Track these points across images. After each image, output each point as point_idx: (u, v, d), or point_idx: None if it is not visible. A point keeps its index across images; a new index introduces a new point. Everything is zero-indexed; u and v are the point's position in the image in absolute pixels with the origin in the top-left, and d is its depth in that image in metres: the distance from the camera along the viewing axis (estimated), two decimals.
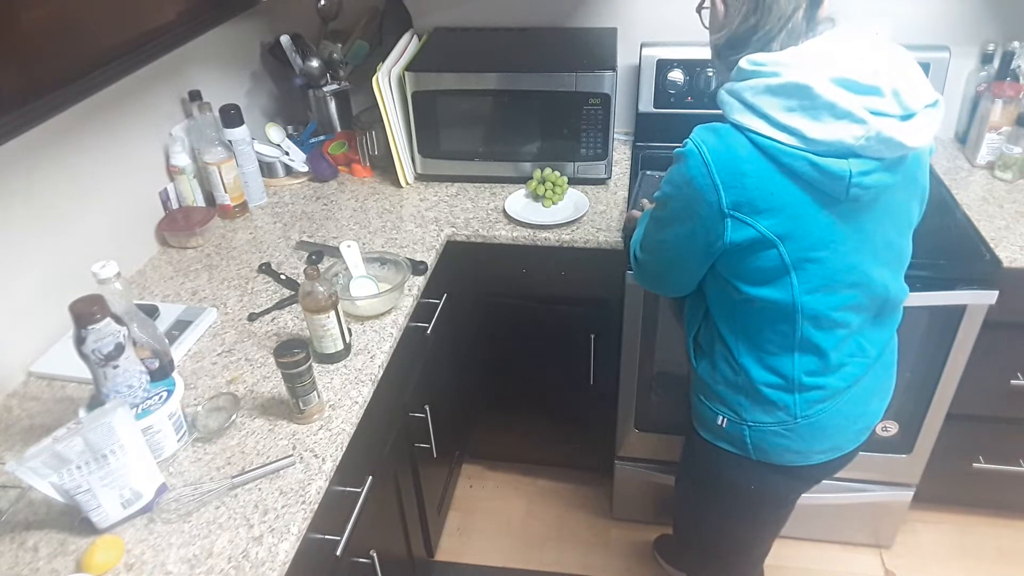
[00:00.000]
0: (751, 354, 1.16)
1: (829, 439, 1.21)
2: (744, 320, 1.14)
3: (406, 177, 1.93)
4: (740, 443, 1.22)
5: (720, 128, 1.03)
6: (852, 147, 0.96)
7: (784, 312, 1.09)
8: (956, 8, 1.91)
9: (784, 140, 0.97)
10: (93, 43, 1.38)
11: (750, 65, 1.01)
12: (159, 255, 1.69)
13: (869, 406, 1.25)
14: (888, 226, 1.10)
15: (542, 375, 1.99)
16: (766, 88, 0.98)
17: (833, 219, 1.02)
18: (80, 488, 0.99)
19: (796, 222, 1.01)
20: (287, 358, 1.13)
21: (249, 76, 2.06)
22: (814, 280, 1.06)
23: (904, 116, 0.97)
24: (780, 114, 0.97)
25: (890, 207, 1.08)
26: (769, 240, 1.02)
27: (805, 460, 1.22)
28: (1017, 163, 1.82)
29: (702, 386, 1.26)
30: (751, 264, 1.05)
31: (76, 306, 1.02)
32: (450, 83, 1.82)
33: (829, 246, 1.04)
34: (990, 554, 2.02)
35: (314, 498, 1.08)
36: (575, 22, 2.08)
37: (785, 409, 1.17)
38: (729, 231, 1.03)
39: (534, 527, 2.16)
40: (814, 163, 0.97)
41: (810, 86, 0.95)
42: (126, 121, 1.59)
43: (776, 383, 1.16)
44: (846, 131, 0.95)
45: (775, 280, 1.06)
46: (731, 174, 1.00)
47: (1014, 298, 1.58)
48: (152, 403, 1.12)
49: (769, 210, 1.00)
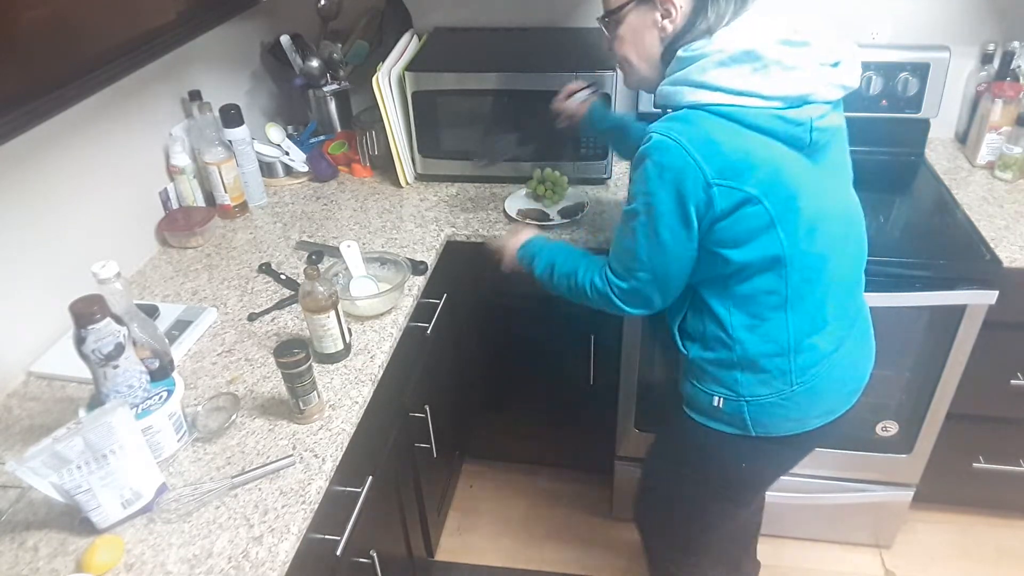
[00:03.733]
0: (746, 325, 1.18)
1: (824, 403, 1.25)
2: (736, 290, 1.16)
3: (406, 177, 1.93)
4: (740, 421, 1.24)
5: (677, 115, 1.09)
6: (804, 95, 1.06)
7: (774, 268, 1.13)
8: (956, 8, 1.91)
9: (745, 103, 1.05)
10: (93, 43, 1.38)
11: (690, 52, 1.09)
12: (159, 255, 1.69)
13: (857, 368, 1.30)
14: (840, 172, 1.21)
15: (542, 375, 1.99)
16: (716, 63, 1.05)
17: (801, 167, 1.10)
18: (80, 488, 0.99)
19: (773, 175, 1.07)
20: (287, 358, 1.13)
21: (249, 76, 2.06)
22: (796, 229, 1.10)
23: (835, 63, 1.10)
24: (734, 81, 1.05)
25: (837, 155, 1.19)
26: (754, 197, 1.06)
27: (803, 427, 1.25)
28: (1017, 163, 1.82)
29: (695, 370, 1.27)
30: (739, 227, 1.09)
31: (76, 306, 1.02)
32: (450, 83, 1.82)
33: (803, 193, 1.10)
34: (990, 554, 2.02)
35: (314, 498, 1.08)
36: (575, 22, 2.08)
37: (782, 377, 1.20)
38: (717, 199, 1.06)
39: (534, 527, 2.16)
40: (779, 116, 1.05)
41: (755, 49, 1.04)
42: (126, 121, 1.59)
43: (772, 351, 1.18)
44: (797, 80, 1.05)
45: (762, 236, 1.10)
46: (706, 144, 1.05)
47: (1014, 298, 1.58)
48: (152, 403, 1.12)
49: (748, 169, 1.06)
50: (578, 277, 1.28)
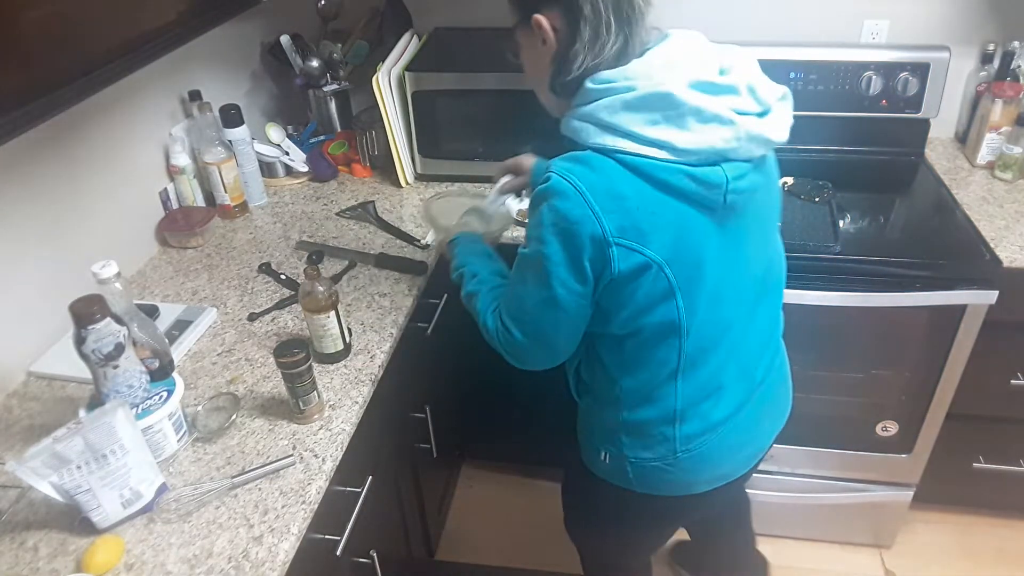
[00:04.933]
0: (634, 386, 1.12)
1: (713, 469, 1.18)
2: (627, 352, 1.09)
3: (406, 177, 1.93)
4: (623, 478, 1.20)
5: (583, 155, 0.96)
6: (723, 151, 0.93)
7: (669, 336, 1.04)
8: (956, 8, 1.91)
9: (654, 155, 0.92)
10: (93, 43, 1.38)
11: (598, 84, 0.96)
12: (159, 255, 1.69)
13: (758, 431, 1.22)
14: (758, 233, 1.07)
15: (542, 375, 1.98)
16: (623, 104, 0.93)
17: (710, 230, 0.98)
18: (80, 488, 0.99)
19: (681, 241, 0.97)
20: (287, 358, 1.13)
21: (249, 76, 2.06)
22: (698, 297, 1.01)
23: (761, 113, 0.96)
24: (644, 128, 0.92)
25: (758, 211, 1.06)
26: (657, 264, 0.96)
27: (689, 490, 1.19)
28: (1017, 163, 1.82)
29: (585, 421, 1.26)
30: (637, 291, 0.99)
31: (76, 306, 1.02)
32: (450, 83, 1.82)
33: (710, 260, 1.00)
34: (990, 554, 2.02)
35: (314, 498, 1.08)
36: None
37: (665, 443, 1.13)
38: (616, 261, 0.95)
39: (534, 527, 2.16)
40: (691, 174, 0.93)
41: (672, 93, 0.91)
42: (126, 121, 1.59)
43: (657, 417, 1.12)
44: (715, 135, 0.92)
45: (660, 303, 1.00)
46: (610, 198, 0.93)
47: (1014, 298, 1.58)
48: (152, 403, 1.12)
49: (653, 231, 0.95)
50: (478, 303, 1.19)
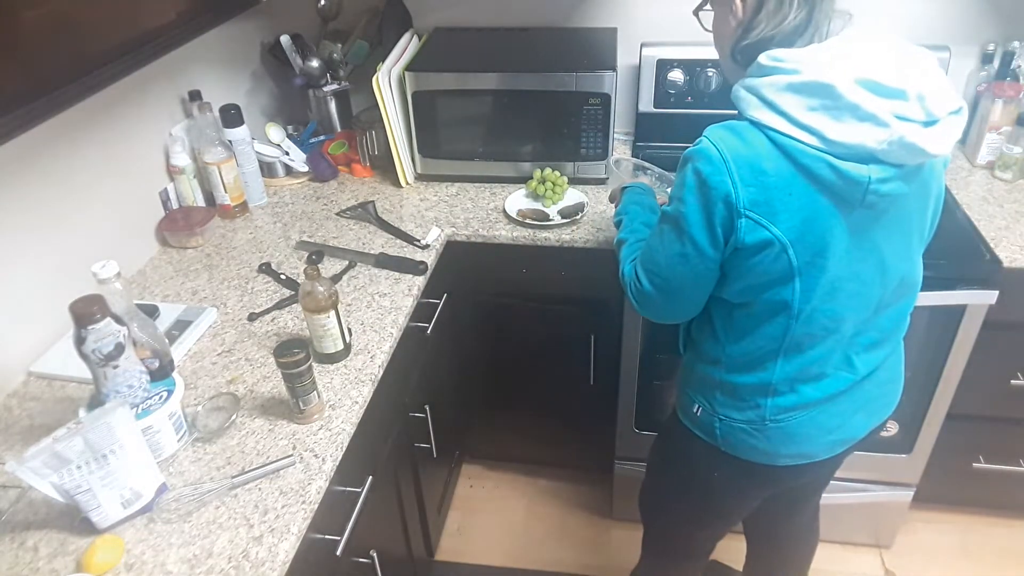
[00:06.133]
0: (737, 352, 1.16)
1: (797, 446, 1.20)
2: (737, 320, 1.14)
3: (406, 177, 1.93)
4: (711, 433, 1.24)
5: (737, 126, 1.00)
6: (873, 151, 0.94)
7: (780, 315, 1.08)
8: (956, 8, 1.91)
9: (804, 139, 0.95)
10: (93, 43, 1.38)
11: (770, 61, 0.99)
12: (159, 255, 1.69)
13: (850, 420, 1.22)
14: (897, 240, 1.08)
15: (542, 375, 1.99)
16: (787, 85, 0.96)
17: (841, 224, 1.01)
18: (80, 488, 0.99)
19: (808, 225, 0.99)
20: (287, 358, 1.13)
21: (249, 76, 2.06)
22: (816, 285, 1.04)
23: (927, 122, 0.94)
24: (801, 113, 0.95)
25: (900, 219, 1.07)
26: (781, 244, 1.00)
27: (771, 461, 1.22)
28: (1017, 163, 1.82)
29: (686, 374, 1.28)
30: (757, 266, 1.03)
31: (76, 306, 1.02)
32: (450, 83, 1.82)
33: (836, 252, 1.02)
34: (990, 554, 2.02)
35: (314, 498, 1.08)
36: (575, 22, 2.08)
37: (756, 410, 1.17)
38: (742, 231, 1.00)
39: (534, 527, 2.16)
40: (833, 166, 0.95)
41: (833, 85, 0.92)
42: (126, 121, 1.59)
43: (753, 384, 1.16)
44: (868, 134, 0.93)
45: (778, 283, 1.04)
46: (751, 171, 0.97)
47: (1014, 298, 1.58)
48: (152, 403, 1.12)
49: (784, 211, 0.98)
50: (622, 251, 1.25)
